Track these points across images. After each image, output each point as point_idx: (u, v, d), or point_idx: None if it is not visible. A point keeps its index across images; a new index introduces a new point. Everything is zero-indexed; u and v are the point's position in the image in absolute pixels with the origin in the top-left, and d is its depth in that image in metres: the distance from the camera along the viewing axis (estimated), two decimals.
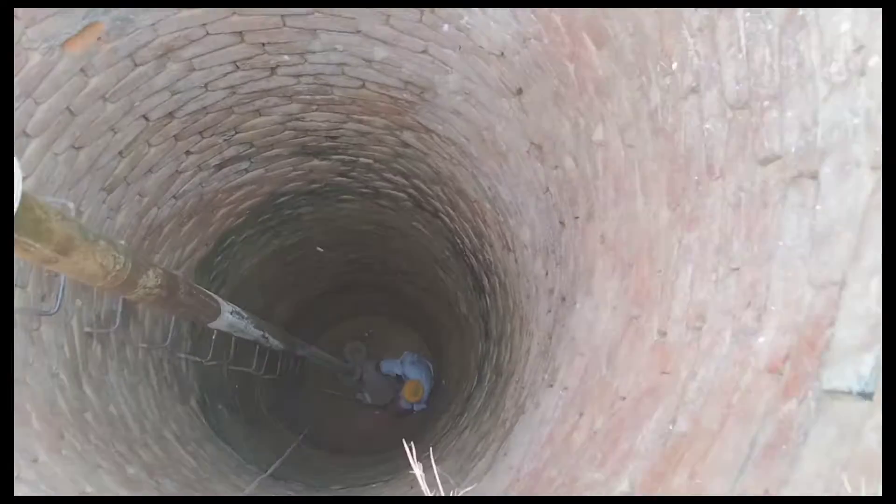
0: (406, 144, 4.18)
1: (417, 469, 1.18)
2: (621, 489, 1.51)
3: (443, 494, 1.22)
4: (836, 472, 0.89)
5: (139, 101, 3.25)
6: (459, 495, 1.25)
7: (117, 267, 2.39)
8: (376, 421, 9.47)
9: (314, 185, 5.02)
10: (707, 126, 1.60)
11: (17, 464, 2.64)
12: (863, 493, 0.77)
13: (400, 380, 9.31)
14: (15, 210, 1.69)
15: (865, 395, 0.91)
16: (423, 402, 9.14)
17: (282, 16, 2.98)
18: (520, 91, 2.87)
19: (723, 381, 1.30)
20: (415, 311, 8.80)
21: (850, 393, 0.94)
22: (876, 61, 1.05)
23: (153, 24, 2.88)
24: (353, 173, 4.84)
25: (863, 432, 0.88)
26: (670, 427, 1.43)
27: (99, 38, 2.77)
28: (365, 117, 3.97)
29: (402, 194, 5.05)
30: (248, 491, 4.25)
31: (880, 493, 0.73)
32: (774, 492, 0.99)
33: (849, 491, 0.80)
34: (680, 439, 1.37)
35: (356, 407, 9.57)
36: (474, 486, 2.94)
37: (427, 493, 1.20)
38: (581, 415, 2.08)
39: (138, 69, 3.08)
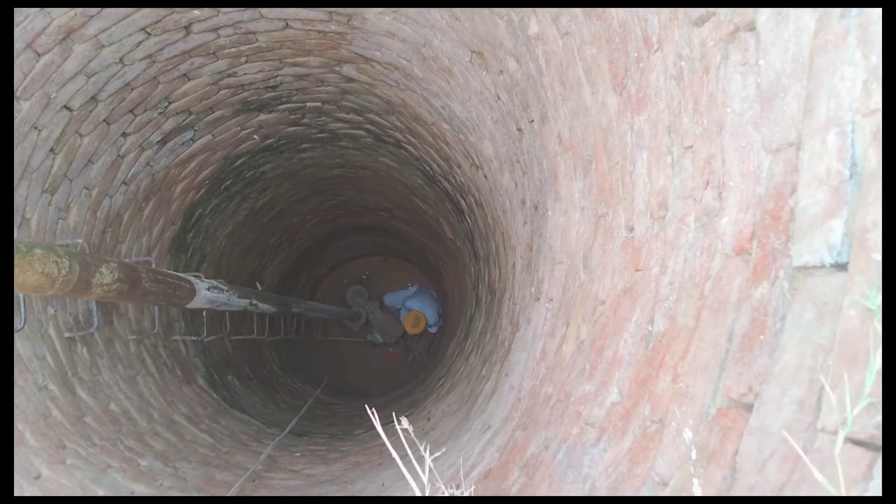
0: (349, 79, 3.97)
1: (383, 433, 1.10)
2: (611, 399, 1.43)
3: (409, 453, 1.14)
4: (818, 360, 0.79)
5: (55, 92, 3.05)
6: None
7: (63, 272, 2.26)
8: (391, 358, 9.54)
9: (268, 141, 4.82)
10: None
11: (19, 484, 2.60)
12: (846, 390, 0.67)
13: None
14: None
15: (839, 266, 0.80)
16: (432, 326, 9.20)
17: None
18: None
19: (693, 270, 1.20)
20: (404, 244, 8.71)
21: (822, 266, 0.83)
22: None
23: (43, 7, 2.66)
24: (305, 120, 4.64)
25: (842, 309, 0.77)
26: (649, 328, 1.34)
27: None
28: (299, 59, 3.75)
29: (359, 131, 4.86)
30: (268, 450, 4.25)
31: (866, 392, 0.63)
32: (758, 388, 0.89)
33: (828, 391, 0.70)
34: (659, 340, 1.28)
35: (369, 349, 9.62)
36: (484, 413, 2.91)
37: (393, 454, 1.12)
38: (567, 325, 2.00)
39: (43, 59, 2.87)
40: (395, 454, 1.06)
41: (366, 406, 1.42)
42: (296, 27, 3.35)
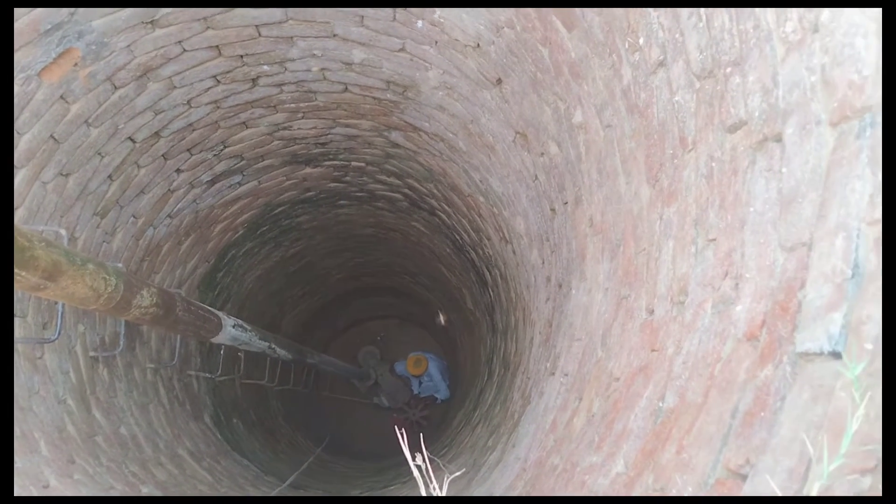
0: (395, 144, 4.18)
1: (408, 453, 1.18)
2: (617, 469, 1.50)
3: (432, 476, 1.21)
4: (810, 434, 0.88)
5: (123, 124, 3.26)
6: (453, 495, 1.24)
7: (109, 289, 2.39)
8: (394, 424, 9.48)
9: (309, 193, 5.02)
10: (677, 98, 1.58)
11: (28, 489, 2.66)
12: (824, 453, 0.76)
13: (415, 380, 9.34)
14: None
15: (835, 355, 0.90)
16: (426, 377, 9.19)
17: (256, 26, 2.98)
18: (499, 81, 2.86)
19: (705, 352, 1.29)
20: (424, 311, 8.80)
21: (821, 353, 0.93)
22: (827, 16, 1.04)
23: (129, 46, 2.89)
24: (347, 178, 4.84)
25: (834, 392, 0.86)
26: (660, 404, 1.42)
27: (75, 65, 2.77)
28: (352, 121, 3.97)
29: (397, 195, 5.05)
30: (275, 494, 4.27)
31: (842, 452, 0.71)
32: (754, 460, 0.97)
33: (811, 451, 0.79)
34: (668, 415, 1.36)
35: (373, 411, 9.58)
36: (486, 482, 2.94)
37: (417, 476, 1.20)
38: (580, 399, 2.07)
39: (118, 92, 3.09)
40: (414, 469, 1.14)
41: (395, 427, 1.49)
42: (354, 91, 3.57)
